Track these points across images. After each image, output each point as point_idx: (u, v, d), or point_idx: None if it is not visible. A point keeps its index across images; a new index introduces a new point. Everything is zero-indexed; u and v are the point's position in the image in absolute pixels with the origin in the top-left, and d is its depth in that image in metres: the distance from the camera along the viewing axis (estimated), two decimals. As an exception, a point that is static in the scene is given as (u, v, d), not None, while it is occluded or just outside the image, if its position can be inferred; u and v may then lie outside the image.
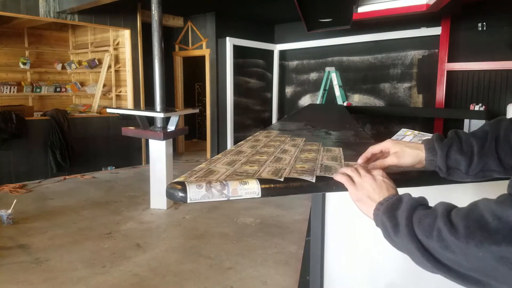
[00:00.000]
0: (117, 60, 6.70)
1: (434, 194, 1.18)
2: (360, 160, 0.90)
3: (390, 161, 0.85)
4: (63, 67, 7.27)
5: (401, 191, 0.85)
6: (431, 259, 0.62)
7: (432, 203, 0.76)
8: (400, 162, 0.84)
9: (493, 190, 1.18)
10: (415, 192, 0.94)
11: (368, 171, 0.81)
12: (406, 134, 1.30)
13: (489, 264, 0.55)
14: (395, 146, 0.86)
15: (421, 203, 0.69)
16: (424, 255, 0.62)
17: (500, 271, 0.54)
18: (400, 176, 0.87)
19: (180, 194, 0.75)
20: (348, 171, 0.82)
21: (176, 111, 4.94)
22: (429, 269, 0.63)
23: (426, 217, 0.64)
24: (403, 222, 0.66)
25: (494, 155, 0.77)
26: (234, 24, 6.92)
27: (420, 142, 0.86)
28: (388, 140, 0.89)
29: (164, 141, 4.17)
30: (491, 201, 0.58)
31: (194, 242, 3.38)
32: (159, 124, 4.40)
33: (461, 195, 1.20)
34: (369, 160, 0.90)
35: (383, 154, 0.89)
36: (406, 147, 0.85)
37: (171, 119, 4.38)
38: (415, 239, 0.64)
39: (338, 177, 0.82)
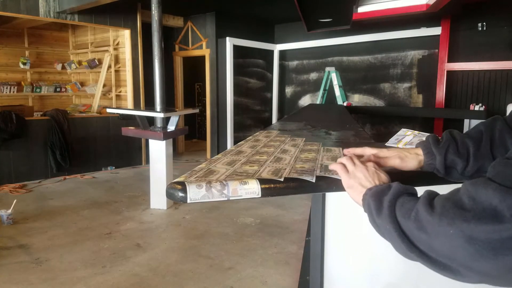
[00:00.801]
0: (117, 60, 6.70)
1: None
2: (347, 152, 0.95)
3: (392, 162, 0.87)
4: (63, 67, 7.27)
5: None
6: (406, 241, 0.62)
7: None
8: (404, 164, 0.86)
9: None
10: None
11: (363, 162, 0.82)
12: (406, 134, 1.30)
13: (458, 244, 0.54)
14: (394, 150, 0.88)
15: (409, 191, 0.70)
16: (400, 235, 0.63)
17: (468, 253, 0.54)
18: (400, 176, 0.87)
19: (180, 194, 0.75)
20: (343, 159, 0.83)
21: (176, 111, 4.94)
22: (404, 252, 0.63)
23: (409, 201, 0.65)
24: (386, 204, 0.67)
25: (489, 156, 0.78)
26: (234, 24, 6.92)
27: (415, 146, 0.89)
28: (393, 149, 0.91)
29: (164, 141, 4.17)
30: (471, 185, 0.58)
31: (194, 242, 3.38)
32: (159, 124, 4.40)
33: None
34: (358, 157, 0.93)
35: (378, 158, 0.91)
36: (407, 152, 0.88)
37: (171, 119, 4.38)
38: (394, 220, 0.65)
39: (332, 166, 0.84)
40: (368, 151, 0.90)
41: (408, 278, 1.34)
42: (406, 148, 0.90)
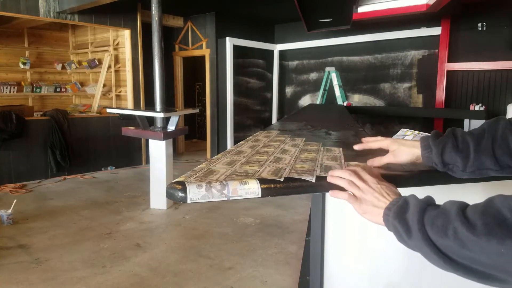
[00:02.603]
0: (117, 60, 6.70)
1: (434, 194, 1.19)
2: (357, 147, 0.98)
3: (387, 159, 0.89)
4: (63, 67, 7.27)
5: (401, 191, 0.85)
6: (447, 260, 0.61)
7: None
8: (397, 160, 0.89)
9: (496, 190, 1.18)
10: (415, 192, 0.94)
11: (362, 179, 0.79)
12: (406, 134, 1.30)
13: (510, 260, 0.55)
14: (393, 145, 0.90)
15: (429, 203, 0.69)
16: (440, 256, 0.62)
17: None
18: (400, 177, 0.87)
19: (180, 194, 0.75)
20: (345, 185, 0.80)
21: (176, 111, 4.94)
22: (446, 269, 0.63)
23: (438, 217, 0.64)
24: (415, 226, 0.65)
25: (490, 153, 0.78)
26: (234, 24, 6.92)
27: (418, 139, 0.88)
28: (388, 138, 0.92)
29: (164, 141, 4.17)
30: (508, 197, 0.57)
31: (194, 242, 3.38)
32: (159, 124, 4.40)
33: (461, 195, 1.20)
34: (363, 151, 0.96)
35: (380, 149, 0.94)
36: (403, 146, 0.88)
37: (171, 119, 4.38)
38: (429, 241, 0.63)
39: (337, 194, 0.81)
40: (375, 143, 0.94)
41: (408, 278, 1.34)
42: (404, 140, 0.91)
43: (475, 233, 0.57)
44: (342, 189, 0.81)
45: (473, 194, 1.19)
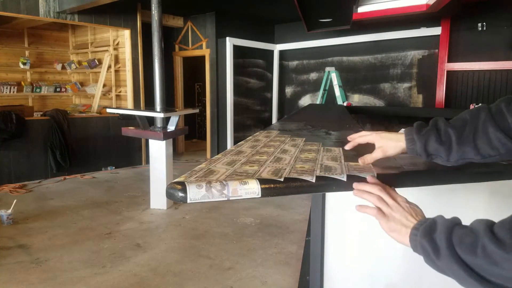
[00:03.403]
0: (117, 60, 6.70)
1: (434, 194, 1.19)
2: (348, 147, 1.02)
3: (377, 155, 0.92)
4: (63, 67, 7.27)
5: (400, 191, 0.85)
6: (478, 278, 0.61)
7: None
8: (386, 155, 0.92)
9: (493, 190, 1.18)
10: (415, 192, 0.94)
11: (391, 197, 0.81)
12: (406, 134, 1.30)
13: None
14: (380, 141, 0.93)
15: (456, 222, 0.69)
16: (471, 275, 0.61)
17: None
18: (399, 177, 0.88)
19: (180, 194, 0.75)
20: (374, 200, 0.81)
21: (176, 111, 4.94)
22: (475, 287, 0.62)
23: (466, 235, 0.64)
24: (443, 244, 0.66)
25: (471, 144, 0.81)
26: (234, 24, 6.92)
27: (402, 132, 0.93)
28: (374, 133, 0.96)
29: (164, 141, 4.17)
30: None
31: (194, 242, 3.38)
32: (159, 124, 4.40)
33: (462, 195, 1.20)
34: (357, 148, 1.00)
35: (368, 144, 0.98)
36: (389, 141, 0.92)
37: (171, 119, 4.38)
38: (458, 259, 0.63)
39: (368, 210, 0.82)
40: (361, 139, 0.98)
41: (409, 278, 1.34)
42: (389, 133, 0.95)
43: (505, 249, 0.57)
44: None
45: (474, 193, 1.19)
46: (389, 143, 0.91)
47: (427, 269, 0.70)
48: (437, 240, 0.67)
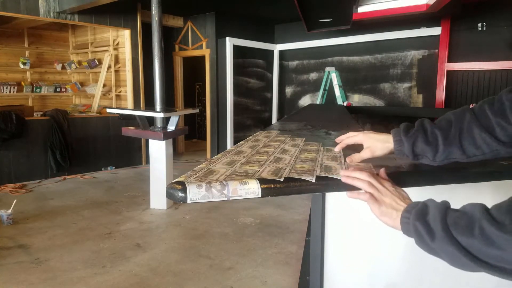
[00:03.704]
0: (117, 60, 6.70)
1: (434, 194, 1.18)
2: (337, 149, 1.04)
3: (365, 155, 0.94)
4: (63, 67, 7.27)
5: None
6: (474, 259, 0.62)
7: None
8: (374, 155, 0.94)
9: (493, 189, 1.18)
10: (414, 192, 0.94)
11: (380, 182, 0.81)
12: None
13: None
14: (368, 140, 0.95)
15: (448, 205, 0.70)
16: (467, 255, 0.62)
17: None
18: (399, 177, 0.88)
19: (180, 194, 0.75)
20: (364, 186, 0.81)
21: (176, 111, 4.94)
22: (472, 269, 0.64)
23: (461, 218, 0.65)
24: (438, 226, 0.66)
25: (457, 145, 0.84)
26: (234, 24, 6.92)
27: (390, 132, 0.95)
28: (361, 133, 0.98)
29: (164, 141, 4.17)
30: None
31: (194, 242, 3.38)
32: (159, 124, 4.40)
33: (462, 195, 1.20)
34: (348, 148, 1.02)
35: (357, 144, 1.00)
36: (377, 142, 0.94)
37: (171, 119, 4.38)
38: (454, 240, 0.64)
39: (360, 196, 0.83)
40: (349, 139, 1.00)
41: (409, 278, 1.34)
42: (376, 134, 0.97)
43: (505, 231, 0.59)
44: (357, 189, 0.83)
45: (475, 193, 1.19)
46: (377, 144, 0.94)
47: (427, 269, 0.70)
48: (430, 222, 0.68)
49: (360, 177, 0.82)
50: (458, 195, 1.20)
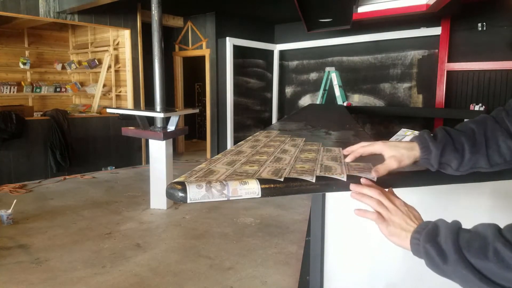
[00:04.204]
0: (117, 60, 6.70)
1: (433, 194, 1.19)
2: (349, 159, 0.93)
3: (392, 165, 0.83)
4: (63, 67, 7.27)
5: (399, 191, 0.85)
6: (489, 282, 0.61)
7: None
8: (401, 165, 0.83)
9: (493, 189, 1.18)
10: (414, 192, 0.94)
11: (390, 200, 0.79)
12: (406, 134, 1.30)
13: None
14: (390, 150, 0.84)
15: (459, 226, 0.68)
16: (482, 279, 0.61)
17: None
18: (399, 177, 0.87)
19: (180, 194, 0.75)
20: (373, 204, 0.79)
21: (176, 111, 4.94)
22: None
23: (474, 239, 0.63)
24: (451, 248, 0.64)
25: (484, 153, 0.80)
26: (234, 24, 6.92)
27: (410, 140, 0.87)
28: (379, 143, 0.87)
29: (164, 141, 4.17)
30: None
31: (194, 242, 3.38)
32: (159, 124, 4.40)
33: (463, 195, 1.20)
34: (356, 159, 0.92)
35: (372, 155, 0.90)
36: (403, 150, 0.84)
37: (171, 119, 4.38)
38: (467, 264, 0.62)
39: (367, 215, 0.80)
40: (364, 149, 0.90)
41: (409, 278, 1.34)
42: (397, 142, 0.88)
43: None
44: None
45: (475, 194, 1.19)
46: (403, 152, 0.83)
47: (427, 269, 0.70)
48: (442, 244, 0.66)
49: (370, 194, 0.79)
50: (459, 195, 1.20)
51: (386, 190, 0.83)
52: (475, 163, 0.81)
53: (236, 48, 6.69)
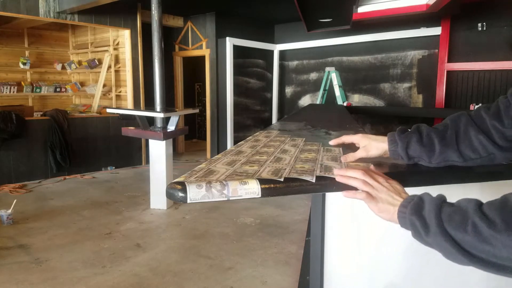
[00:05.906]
0: (117, 60, 6.70)
1: (434, 194, 1.18)
2: (332, 143, 1.09)
3: (360, 154, 0.96)
4: (63, 67, 7.27)
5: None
6: (467, 254, 0.64)
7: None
8: (368, 154, 0.95)
9: (493, 190, 1.18)
10: (415, 192, 0.94)
11: (374, 178, 0.81)
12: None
13: None
14: (364, 140, 0.97)
15: (443, 200, 0.72)
16: (460, 250, 0.64)
17: None
18: (399, 177, 0.88)
19: (180, 194, 0.75)
20: (359, 184, 0.81)
21: (176, 111, 4.94)
22: (464, 263, 0.66)
23: (455, 213, 0.67)
24: (433, 221, 0.68)
25: (454, 147, 0.85)
26: (234, 24, 6.92)
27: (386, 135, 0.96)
28: (358, 134, 1.00)
29: (164, 141, 4.17)
30: None
31: (194, 242, 3.38)
32: (159, 124, 4.40)
33: (462, 195, 1.20)
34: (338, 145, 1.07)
35: (352, 144, 1.03)
36: (373, 141, 0.95)
37: (171, 119, 4.38)
38: (448, 236, 0.66)
39: (357, 195, 0.82)
40: (346, 138, 1.04)
41: (409, 278, 1.34)
42: (374, 135, 0.98)
43: (495, 229, 0.60)
44: (353, 188, 0.83)
45: (478, 194, 1.19)
46: (373, 143, 0.95)
47: (427, 269, 0.70)
48: (426, 217, 0.70)
49: (354, 176, 0.82)
50: (459, 196, 1.19)
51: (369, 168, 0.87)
52: (446, 157, 0.86)
53: (236, 48, 6.69)
